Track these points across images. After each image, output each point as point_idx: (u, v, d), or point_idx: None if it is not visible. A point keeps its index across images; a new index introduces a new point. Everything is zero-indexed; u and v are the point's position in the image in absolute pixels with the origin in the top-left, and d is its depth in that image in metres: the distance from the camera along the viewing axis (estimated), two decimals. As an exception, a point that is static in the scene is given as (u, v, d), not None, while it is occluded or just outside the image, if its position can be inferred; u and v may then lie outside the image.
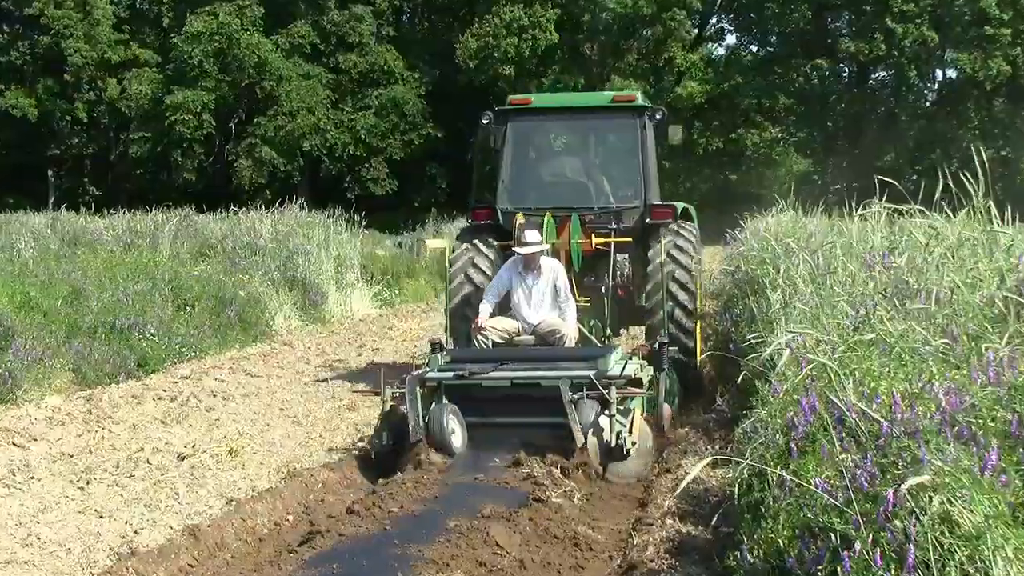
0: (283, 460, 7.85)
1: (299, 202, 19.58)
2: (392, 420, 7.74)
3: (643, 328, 10.07)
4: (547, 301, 9.02)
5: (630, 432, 7.23)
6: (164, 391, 10.39)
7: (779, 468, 4.57)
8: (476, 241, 10.11)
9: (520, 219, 9.71)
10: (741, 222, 14.93)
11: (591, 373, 7.49)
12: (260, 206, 20.22)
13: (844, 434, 4.37)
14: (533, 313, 9.01)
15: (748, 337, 7.31)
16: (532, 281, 9.04)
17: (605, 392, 7.29)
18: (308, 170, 41.00)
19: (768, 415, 5.34)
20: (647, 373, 8.13)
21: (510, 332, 8.96)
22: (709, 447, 7.47)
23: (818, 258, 7.81)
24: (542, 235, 9.33)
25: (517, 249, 9.08)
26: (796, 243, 8.90)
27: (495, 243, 10.10)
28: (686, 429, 8.29)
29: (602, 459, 7.21)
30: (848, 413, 4.36)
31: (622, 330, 10.73)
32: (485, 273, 9.86)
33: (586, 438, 7.20)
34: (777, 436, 5.02)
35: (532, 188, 10.42)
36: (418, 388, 7.59)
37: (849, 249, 7.88)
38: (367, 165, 40.37)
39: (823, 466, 4.30)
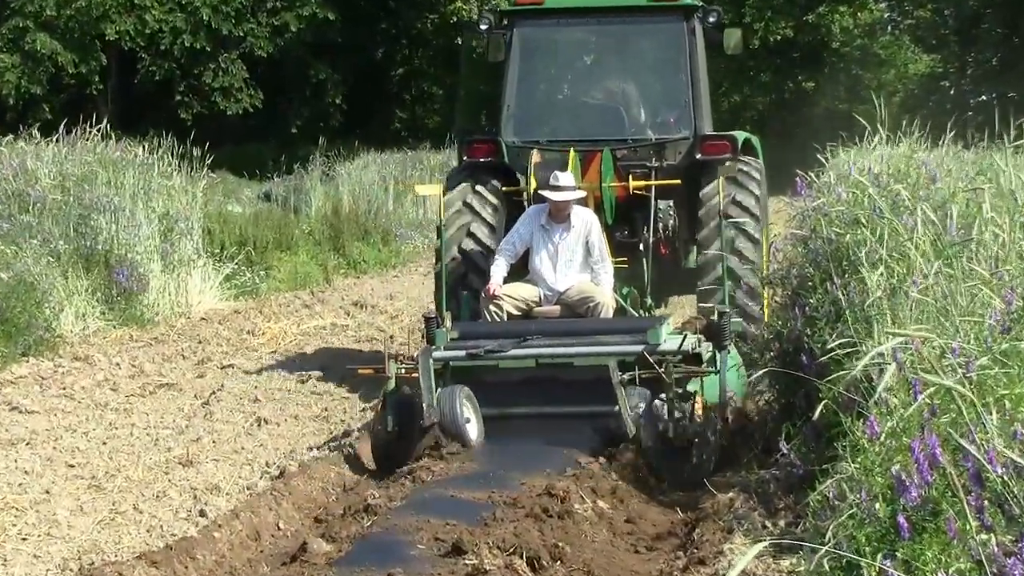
0: (73, 550, 7.78)
1: (101, 126, 19.35)
2: (396, 401, 9.54)
3: (683, 298, 12.26)
4: (577, 261, 10.85)
5: (692, 420, 8.94)
6: None
7: (880, 556, 4.60)
8: (475, 185, 11.79)
9: (536, 156, 11.47)
10: (821, 157, 15.01)
11: (640, 348, 9.42)
12: (35, 132, 19.97)
13: (984, 500, 4.40)
14: (559, 277, 10.82)
15: (830, 344, 7.35)
16: (559, 236, 10.84)
17: (661, 370, 9.02)
18: (116, 74, 40.65)
19: (862, 470, 5.37)
20: (706, 349, 9.73)
21: (529, 301, 10.80)
22: (768, 523, 7.50)
23: (948, 216, 7.85)
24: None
25: (547, 194, 10.74)
26: (911, 192, 8.95)
27: (500, 187, 11.84)
28: (731, 494, 8.34)
29: (656, 453, 9.05)
30: (990, 467, 4.39)
31: (663, 299, 12.66)
32: (490, 225, 11.67)
33: (637, 428, 9.12)
34: (876, 504, 5.06)
35: (547, 115, 12.42)
36: (431, 362, 9.47)
37: (1000, 201, 7.92)
38: (213, 66, 40.10)
39: (951, 552, 4.33)
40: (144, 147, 19.01)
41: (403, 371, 9.74)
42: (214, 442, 10.57)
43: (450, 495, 8.29)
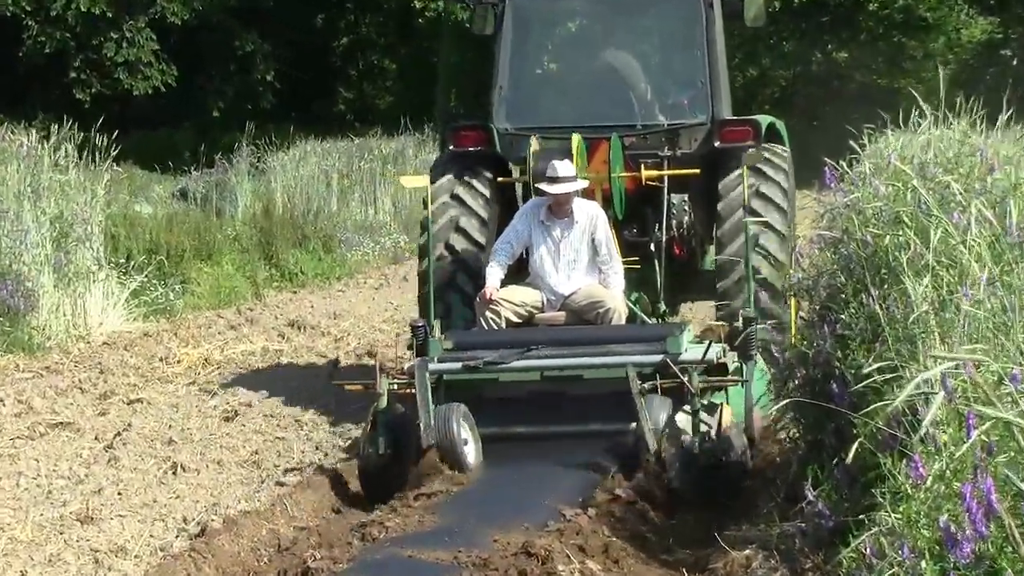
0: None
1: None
2: (388, 421, 10.20)
3: (696, 304, 13.16)
4: (583, 261, 11.62)
5: (719, 434, 9.70)
6: None
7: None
8: (463, 177, 12.56)
9: (535, 144, 12.02)
10: (855, 143, 15.07)
11: (659, 358, 10.18)
12: None
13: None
14: (563, 279, 11.61)
15: (866, 369, 7.36)
16: (561, 233, 11.60)
17: (685, 379, 9.79)
18: (-4, 45, 40.58)
19: (904, 521, 5.38)
20: (731, 359, 10.51)
21: (530, 306, 11.56)
22: (792, 587, 7.51)
23: (1008, 213, 7.87)
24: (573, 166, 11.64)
25: (543, 187, 11.39)
26: (964, 184, 8.97)
27: (492, 179, 12.61)
28: (748, 551, 8.35)
29: (680, 471, 9.66)
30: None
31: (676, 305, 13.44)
32: (480, 218, 12.43)
33: (659, 444, 9.71)
34: (922, 562, 5.08)
35: (546, 97, 13.21)
36: (428, 375, 10.14)
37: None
38: (116, 36, 40.05)
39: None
40: (32, 134, 18.95)
41: (395, 387, 10.42)
42: (119, 494, 10.53)
43: (407, 555, 8.28)
